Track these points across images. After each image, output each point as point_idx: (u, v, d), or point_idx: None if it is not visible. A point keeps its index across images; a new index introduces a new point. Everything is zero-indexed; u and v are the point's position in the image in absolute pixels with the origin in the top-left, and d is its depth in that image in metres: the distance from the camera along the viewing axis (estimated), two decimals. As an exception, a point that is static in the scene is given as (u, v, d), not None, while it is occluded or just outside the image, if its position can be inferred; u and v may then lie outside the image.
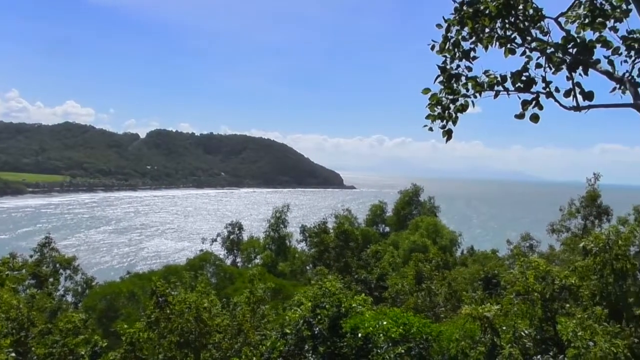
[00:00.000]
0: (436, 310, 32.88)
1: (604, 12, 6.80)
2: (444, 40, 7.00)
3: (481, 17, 6.84)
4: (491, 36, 6.97)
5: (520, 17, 6.86)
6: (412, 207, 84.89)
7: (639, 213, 43.90)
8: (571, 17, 6.95)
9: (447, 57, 7.02)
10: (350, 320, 20.23)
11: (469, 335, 19.55)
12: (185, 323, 22.71)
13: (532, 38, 6.79)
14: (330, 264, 60.47)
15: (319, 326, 20.43)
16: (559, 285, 20.71)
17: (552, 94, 6.39)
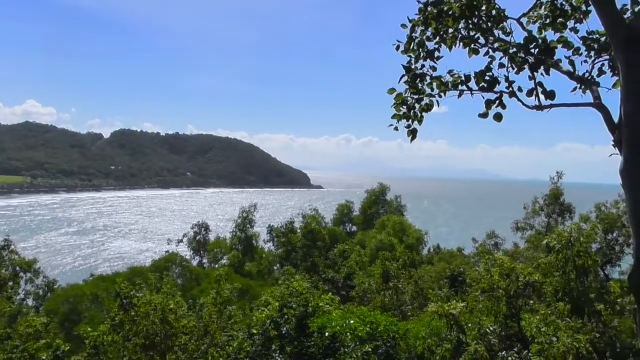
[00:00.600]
0: (403, 308, 33.11)
1: (565, 12, 6.95)
2: (408, 40, 7.04)
3: (445, 17, 6.90)
4: (455, 36, 7.04)
5: (483, 17, 6.94)
6: (379, 206, 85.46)
7: (600, 210, 44.94)
8: (533, 17, 7.08)
9: (411, 57, 7.06)
10: (317, 319, 20.21)
11: (435, 333, 19.72)
12: (151, 325, 22.39)
13: (494, 38, 6.88)
14: (297, 264, 60.45)
15: (286, 326, 20.36)
16: (523, 282, 21.05)
17: (515, 93, 6.49)
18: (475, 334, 19.15)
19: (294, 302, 21.04)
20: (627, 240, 40.89)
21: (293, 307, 20.83)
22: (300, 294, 21.32)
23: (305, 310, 20.78)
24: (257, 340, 20.26)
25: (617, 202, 43.54)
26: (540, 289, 21.78)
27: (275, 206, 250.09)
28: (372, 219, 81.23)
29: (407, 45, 7.04)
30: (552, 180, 52.12)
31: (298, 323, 20.38)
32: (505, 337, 20.35)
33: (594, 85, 6.21)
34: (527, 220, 53.08)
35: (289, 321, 20.47)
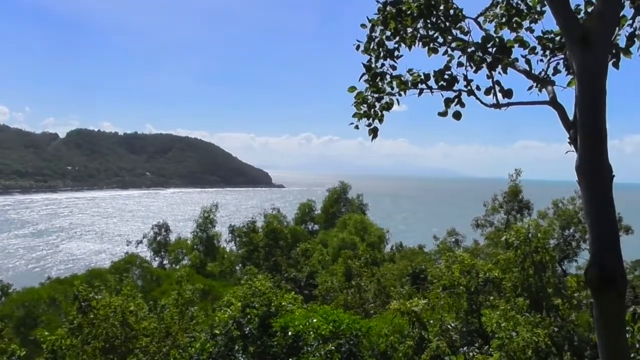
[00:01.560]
0: (366, 306, 33.28)
1: (520, 12, 7.08)
2: (368, 39, 7.06)
3: (404, 17, 6.94)
4: (414, 36, 7.08)
5: (442, 17, 7.00)
6: (341, 205, 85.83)
7: (557, 207, 46.06)
8: (489, 17, 7.18)
9: (371, 56, 7.07)
10: (280, 319, 20.18)
11: (397, 330, 19.87)
12: (111, 328, 21.99)
13: (453, 38, 6.95)
14: (259, 263, 60.20)
15: (249, 326, 20.28)
16: (483, 279, 21.40)
17: (474, 91, 6.56)
18: (437, 331, 19.38)
19: (256, 302, 20.98)
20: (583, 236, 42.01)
21: (256, 307, 20.77)
22: (263, 294, 21.27)
23: (268, 309, 20.74)
24: (219, 341, 20.12)
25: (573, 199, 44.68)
26: (500, 284, 22.18)
27: (237, 206, 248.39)
28: (334, 218, 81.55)
29: (367, 44, 7.06)
30: (510, 177, 53.16)
31: (261, 323, 20.31)
32: (467, 332, 20.66)
33: (549, 84, 6.32)
34: (486, 218, 53.99)
35: (252, 321, 20.39)
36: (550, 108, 5.86)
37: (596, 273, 4.54)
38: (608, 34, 4.99)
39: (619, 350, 4.77)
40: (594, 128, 4.76)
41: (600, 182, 4.70)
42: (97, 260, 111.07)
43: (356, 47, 7.04)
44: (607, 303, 4.64)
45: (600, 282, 4.53)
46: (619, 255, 4.62)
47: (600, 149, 4.72)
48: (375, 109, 7.00)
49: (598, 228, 4.69)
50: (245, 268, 55.55)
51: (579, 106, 4.92)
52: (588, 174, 4.75)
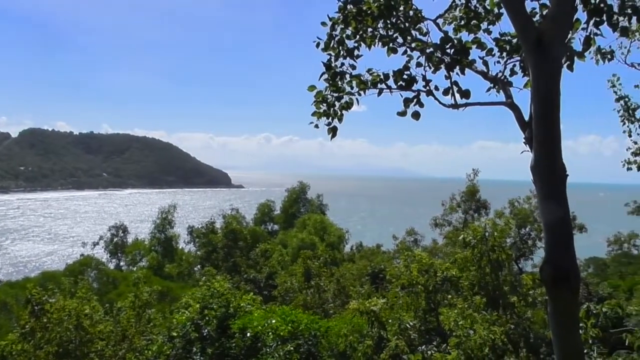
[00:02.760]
0: (325, 306, 33.31)
1: (479, 15, 7.18)
2: (328, 38, 7.05)
3: (364, 16, 6.96)
4: (374, 35, 7.11)
5: (402, 17, 7.04)
6: (300, 205, 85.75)
7: (513, 206, 47.08)
8: (448, 18, 7.27)
9: (331, 55, 7.07)
10: (239, 320, 20.06)
11: (356, 330, 19.96)
12: (65, 332, 21.44)
13: (412, 38, 7.00)
14: (218, 264, 59.67)
15: (207, 328, 20.09)
16: (441, 277, 21.67)
17: (432, 92, 6.63)
18: (395, 330, 19.53)
19: (215, 303, 20.81)
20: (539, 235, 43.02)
21: (214, 308, 20.60)
22: (222, 295, 21.11)
23: (226, 311, 20.59)
24: (177, 343, 19.88)
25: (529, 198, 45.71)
26: (458, 283, 22.48)
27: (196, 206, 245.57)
28: (294, 218, 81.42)
29: (327, 43, 7.05)
30: (468, 177, 54.01)
31: (219, 324, 20.16)
32: (425, 331, 20.89)
33: (506, 86, 6.44)
34: (445, 217, 54.73)
35: (210, 323, 20.22)
36: (507, 109, 5.96)
37: (551, 271, 4.63)
38: (562, 36, 5.09)
39: (573, 346, 4.87)
40: (548, 128, 4.84)
41: (554, 181, 4.79)
42: (48, 262, 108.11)
43: (316, 44, 7.03)
44: (561, 300, 4.73)
45: (555, 279, 4.61)
46: (573, 254, 4.72)
47: (554, 149, 4.81)
48: (335, 108, 7.00)
49: (552, 226, 4.78)
50: (204, 269, 55.00)
51: (534, 107, 5.01)
52: (543, 173, 4.83)
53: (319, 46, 7.04)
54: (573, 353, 4.84)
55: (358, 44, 7.09)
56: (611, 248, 66.71)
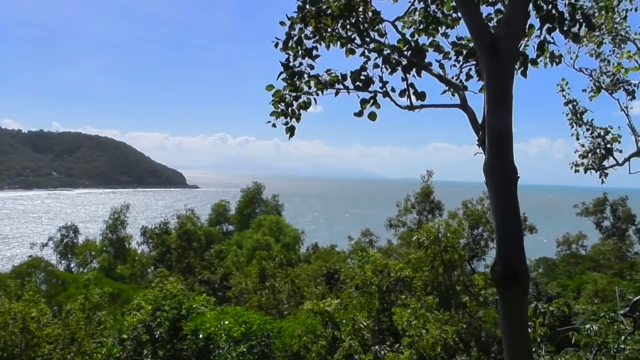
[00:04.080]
0: (280, 307, 33.25)
1: (437, 19, 7.28)
2: (287, 37, 7.02)
3: (323, 16, 6.97)
4: (333, 36, 7.12)
5: (360, 19, 7.08)
6: (255, 205, 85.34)
7: (467, 207, 48.00)
8: (407, 22, 7.34)
9: (290, 55, 7.05)
10: (190, 322, 19.84)
11: (310, 330, 19.98)
12: (9, 336, 20.78)
13: (370, 39, 7.05)
14: (172, 266, 58.91)
15: (159, 329, 19.78)
16: (394, 278, 21.94)
17: (389, 93, 6.68)
18: (349, 330, 19.63)
19: (167, 305, 20.52)
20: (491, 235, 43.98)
21: (166, 309, 20.32)
22: (174, 296, 20.84)
23: (178, 312, 20.34)
24: (128, 346, 19.50)
25: (482, 199, 46.73)
26: (411, 283, 22.79)
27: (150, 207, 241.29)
28: (249, 219, 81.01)
29: (286, 42, 7.02)
30: (423, 179, 54.81)
31: (171, 326, 19.89)
32: (378, 331, 21.08)
33: (461, 89, 6.54)
34: (399, 218, 55.40)
35: (162, 324, 19.93)
36: (462, 111, 6.06)
37: (501, 270, 4.71)
38: (515, 41, 5.20)
39: (522, 344, 4.97)
40: (500, 131, 4.94)
41: (506, 182, 4.88)
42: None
43: (275, 44, 7.00)
44: (511, 299, 4.82)
45: (505, 278, 4.69)
46: (523, 254, 4.82)
47: (506, 151, 4.91)
48: (293, 107, 6.99)
49: (503, 227, 4.88)
50: (157, 270, 54.17)
51: (487, 110, 5.10)
52: (495, 174, 4.92)
53: (278, 46, 7.01)
54: (522, 351, 4.94)
55: (316, 44, 7.09)
56: (560, 248, 68.79)
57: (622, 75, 11.18)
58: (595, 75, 11.59)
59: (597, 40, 11.06)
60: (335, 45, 7.17)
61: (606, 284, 39.77)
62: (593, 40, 11.07)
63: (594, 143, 11.86)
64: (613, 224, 71.55)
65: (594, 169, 11.84)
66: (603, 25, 10.53)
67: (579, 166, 12.03)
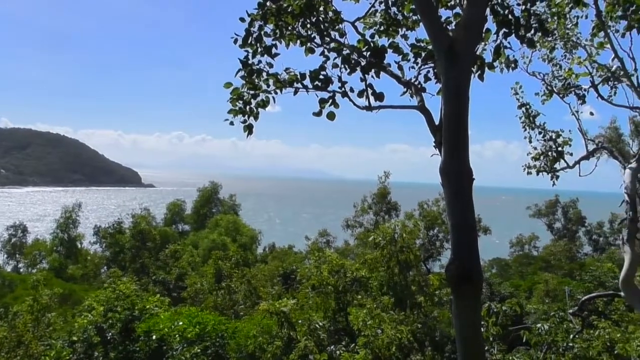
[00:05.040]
0: (236, 308, 33.03)
1: (397, 21, 7.33)
2: (246, 34, 6.96)
3: (284, 14, 6.93)
4: (293, 34, 7.09)
5: (321, 18, 7.07)
6: (212, 205, 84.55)
7: (423, 208, 48.53)
8: (368, 23, 7.37)
9: (249, 52, 6.99)
10: (143, 323, 19.54)
11: (266, 331, 19.92)
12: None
13: (330, 39, 7.04)
14: (125, 266, 57.88)
15: (111, 331, 19.39)
16: (351, 278, 22.02)
17: (347, 93, 6.68)
18: (305, 330, 19.63)
19: (120, 306, 20.15)
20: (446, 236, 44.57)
21: (119, 310, 19.96)
22: (127, 297, 20.49)
23: (131, 313, 20.01)
24: (78, 348, 19.08)
25: (437, 201, 47.30)
26: (367, 283, 22.93)
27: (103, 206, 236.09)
28: (205, 219, 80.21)
29: (245, 39, 6.95)
30: (380, 179, 55.21)
31: (124, 327, 19.54)
32: (334, 331, 21.13)
33: (419, 91, 6.59)
34: (356, 218, 55.63)
35: (114, 326, 19.56)
36: (419, 113, 6.10)
37: (455, 270, 4.76)
38: (472, 45, 5.28)
39: (475, 343, 5.04)
40: (456, 133, 4.99)
41: (461, 184, 4.94)
42: None
43: (234, 40, 6.92)
44: (465, 299, 4.88)
45: (459, 278, 4.75)
46: (477, 254, 4.88)
47: (462, 153, 4.97)
48: (251, 105, 6.93)
49: (458, 228, 4.93)
50: (110, 270, 53.10)
51: (444, 112, 5.15)
52: (450, 176, 4.98)
53: (237, 42, 6.94)
54: (475, 350, 5.01)
55: (276, 42, 7.05)
56: (513, 249, 70.43)
57: (573, 80, 11.48)
58: (547, 80, 11.88)
59: (550, 45, 11.36)
60: (295, 44, 7.14)
61: (557, 284, 40.82)
62: (546, 46, 11.37)
63: (545, 146, 12.13)
64: (564, 226, 73.52)
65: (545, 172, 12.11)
66: (555, 31, 10.81)
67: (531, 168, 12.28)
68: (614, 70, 10.44)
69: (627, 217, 8.81)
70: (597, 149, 11.87)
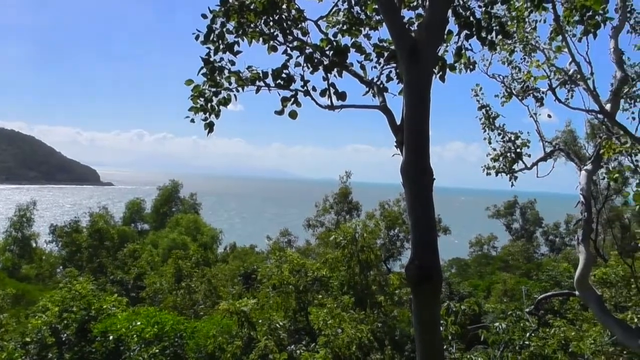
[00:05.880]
0: (196, 307, 32.72)
1: (360, 20, 7.35)
2: (208, 31, 6.88)
3: (246, 12, 6.88)
4: (255, 32, 7.04)
5: (284, 16, 7.04)
6: (172, 204, 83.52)
7: (384, 208, 48.84)
8: (331, 22, 7.37)
9: (210, 49, 6.91)
10: (99, 323, 19.17)
11: (226, 331, 19.79)
12: None
13: (293, 38, 7.02)
14: (82, 265, 56.68)
15: (66, 332, 18.95)
16: (311, 277, 22.03)
17: (310, 92, 6.68)
18: (265, 330, 19.56)
19: (75, 306, 19.72)
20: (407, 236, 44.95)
21: (74, 311, 19.53)
22: (83, 297, 20.07)
23: (87, 313, 19.62)
24: (31, 349, 18.58)
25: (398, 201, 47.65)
26: (328, 283, 22.98)
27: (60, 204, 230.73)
28: (165, 218, 79.16)
29: (207, 36, 6.88)
30: (341, 179, 55.38)
31: (80, 328, 19.14)
32: (294, 331, 21.11)
33: (381, 91, 6.62)
34: (318, 218, 55.71)
35: (70, 326, 19.13)
36: (381, 113, 6.13)
37: (415, 270, 4.78)
38: (434, 46, 5.31)
39: (434, 342, 5.08)
40: (418, 134, 5.02)
41: (422, 184, 4.97)
42: None
43: (196, 36, 6.84)
44: (424, 298, 4.91)
45: (418, 278, 4.78)
46: (436, 254, 4.91)
47: (423, 153, 5.00)
48: (212, 103, 6.87)
49: (418, 228, 4.96)
50: (66, 270, 51.91)
51: (405, 112, 5.17)
52: (411, 176, 5.00)
53: (199, 38, 6.86)
54: (433, 349, 5.05)
55: (238, 40, 6.99)
56: (473, 249, 71.41)
57: (532, 83, 11.72)
58: (507, 82, 12.11)
59: (509, 48, 11.58)
60: (257, 42, 7.11)
61: (514, 283, 41.52)
62: (506, 49, 11.59)
63: (505, 147, 12.35)
64: (522, 226, 74.86)
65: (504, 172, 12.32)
66: (515, 34, 11.02)
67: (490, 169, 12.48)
68: (571, 73, 10.70)
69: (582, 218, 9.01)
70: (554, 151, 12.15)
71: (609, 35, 9.88)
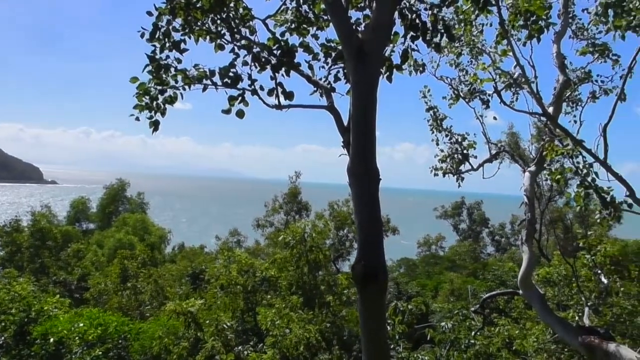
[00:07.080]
0: (142, 308, 32.12)
1: (308, 20, 7.34)
2: (154, 28, 6.75)
3: (193, 9, 6.78)
4: (202, 30, 6.96)
5: (231, 14, 6.98)
6: (119, 203, 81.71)
7: (333, 209, 49.04)
8: (279, 20, 7.34)
9: (156, 47, 6.79)
10: (40, 325, 18.59)
11: (172, 332, 19.52)
12: None
13: (240, 36, 6.97)
14: (23, 266, 54.74)
15: (3, 335, 18.30)
16: (260, 277, 21.94)
17: (257, 91, 6.65)
18: (212, 331, 19.39)
19: (14, 308, 19.06)
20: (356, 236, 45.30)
21: (13, 313, 18.88)
22: (23, 299, 19.41)
23: (27, 315, 18.98)
24: (-35, 354, 17.85)
25: (347, 201, 47.89)
26: (276, 283, 22.92)
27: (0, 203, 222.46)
28: (112, 217, 77.36)
29: (153, 33, 6.74)
30: (291, 179, 55.41)
31: (18, 330, 18.50)
32: (242, 331, 20.99)
33: (329, 91, 6.64)
34: (267, 218, 55.62)
35: (7, 329, 18.48)
36: (329, 113, 6.14)
37: (361, 269, 4.82)
38: (381, 46, 5.36)
39: (380, 341, 5.12)
40: (364, 133, 5.06)
41: (367, 184, 5.02)
42: None
43: (141, 34, 6.70)
44: (370, 297, 4.95)
45: (364, 277, 4.81)
46: (382, 253, 4.96)
47: (369, 153, 5.04)
48: (158, 101, 6.74)
49: (364, 228, 5.00)
50: (5, 271, 50.10)
51: (353, 112, 5.21)
52: (357, 176, 5.04)
53: (144, 36, 6.72)
54: (380, 348, 5.09)
55: (185, 37, 6.89)
56: (421, 249, 72.44)
57: (478, 86, 11.96)
58: (454, 84, 12.33)
59: (457, 51, 11.82)
60: (204, 40, 7.03)
61: (461, 283, 42.28)
62: (453, 51, 11.81)
63: (452, 148, 12.56)
64: (469, 227, 76.38)
65: (451, 173, 12.53)
66: (462, 37, 11.24)
67: (438, 170, 12.68)
68: (516, 77, 10.96)
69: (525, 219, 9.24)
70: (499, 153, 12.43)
71: (552, 40, 10.17)
